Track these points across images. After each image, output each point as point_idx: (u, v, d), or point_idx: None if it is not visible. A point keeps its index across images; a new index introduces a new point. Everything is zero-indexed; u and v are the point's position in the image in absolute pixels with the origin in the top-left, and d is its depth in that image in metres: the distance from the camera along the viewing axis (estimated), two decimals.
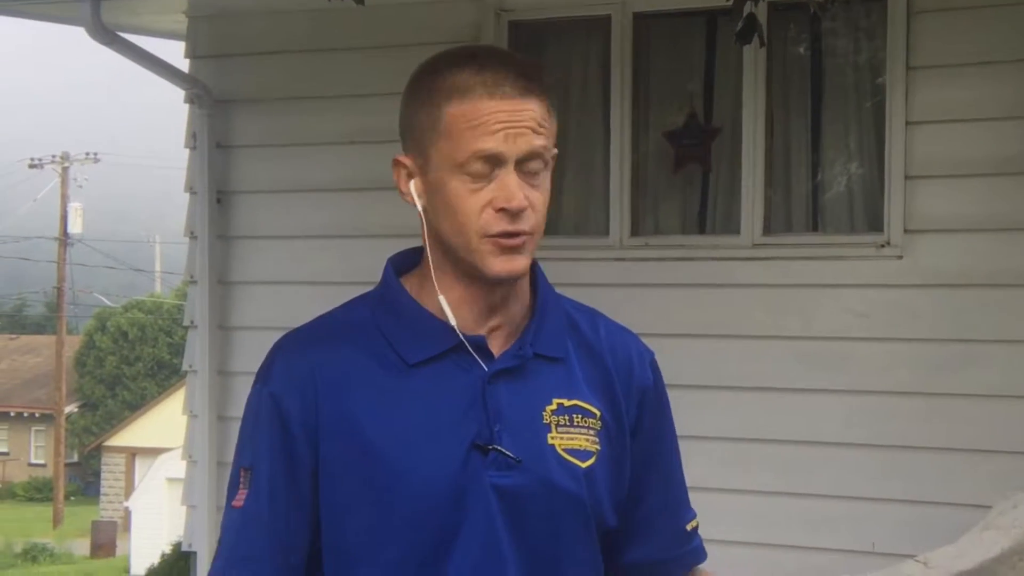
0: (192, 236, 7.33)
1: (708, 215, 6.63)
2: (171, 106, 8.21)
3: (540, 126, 2.00)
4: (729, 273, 6.36)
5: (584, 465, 2.04)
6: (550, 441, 2.03)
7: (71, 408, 43.98)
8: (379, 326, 2.04)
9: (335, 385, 2.01)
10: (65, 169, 41.41)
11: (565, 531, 2.04)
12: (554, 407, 2.04)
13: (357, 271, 6.90)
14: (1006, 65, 5.95)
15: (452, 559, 1.98)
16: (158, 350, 46.07)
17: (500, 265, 1.99)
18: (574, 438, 2.04)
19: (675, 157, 6.66)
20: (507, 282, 2.02)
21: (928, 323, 6.05)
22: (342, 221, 7.03)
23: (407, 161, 2.06)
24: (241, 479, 2.04)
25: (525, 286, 2.09)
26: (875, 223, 6.21)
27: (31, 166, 42.34)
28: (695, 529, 2.24)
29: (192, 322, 7.33)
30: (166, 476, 28.70)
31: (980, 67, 5.99)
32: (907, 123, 6.06)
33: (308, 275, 7.06)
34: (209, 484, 7.17)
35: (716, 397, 6.25)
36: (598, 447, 2.06)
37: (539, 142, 1.99)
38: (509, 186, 1.97)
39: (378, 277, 2.15)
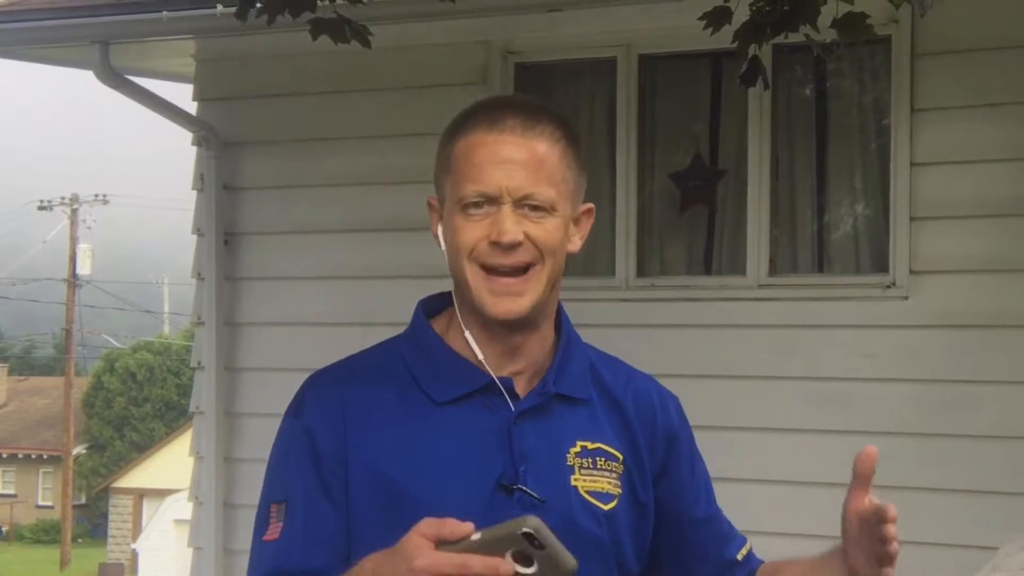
0: (199, 277, 7.36)
1: (714, 256, 6.65)
2: (179, 148, 8.25)
3: (540, 169, 2.01)
4: (735, 313, 6.37)
5: (606, 508, 2.07)
6: (573, 482, 2.05)
7: (79, 450, 43.94)
8: (408, 365, 2.08)
9: (364, 420, 2.03)
10: (74, 211, 41.54)
11: (585, 572, 2.01)
12: (578, 449, 2.06)
13: (365, 312, 6.93)
14: (1010, 107, 5.97)
15: None
16: (166, 391, 46.06)
17: (496, 306, 2.01)
18: (596, 480, 2.06)
19: (681, 198, 6.68)
20: (508, 324, 2.03)
21: (934, 364, 6.05)
22: (349, 262, 7.06)
23: (435, 203, 2.11)
24: (274, 514, 2.06)
25: (548, 330, 2.11)
26: (880, 264, 6.22)
27: (40, 208, 42.48)
28: (750, 552, 2.28)
29: (199, 363, 7.35)
30: (174, 518, 28.66)
31: (984, 109, 6.02)
32: (912, 164, 6.08)
33: (315, 316, 7.07)
34: (216, 526, 7.17)
35: (721, 438, 6.24)
36: (620, 491, 2.08)
37: (535, 188, 2.00)
38: (502, 221, 1.99)
39: (385, 319, 2.18)
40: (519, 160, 2.00)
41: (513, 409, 2.04)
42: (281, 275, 7.23)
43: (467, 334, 2.05)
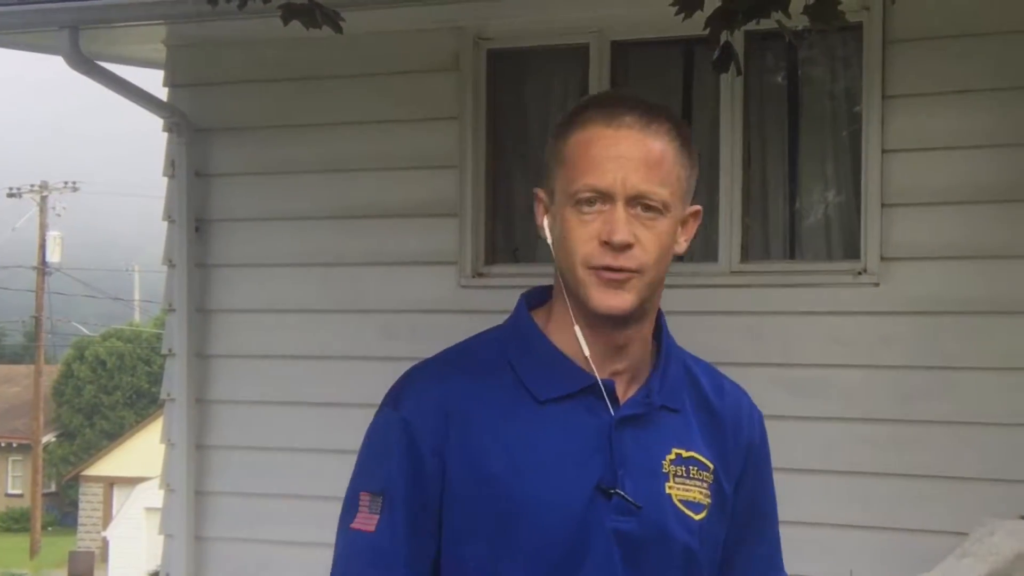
0: (170, 264, 7.33)
1: None
2: (150, 135, 8.21)
3: (656, 167, 1.99)
4: (707, 300, 6.37)
5: (698, 518, 2.06)
6: (667, 490, 2.04)
7: (49, 438, 43.79)
8: (510, 361, 2.05)
9: (464, 414, 2.01)
10: (44, 198, 41.33)
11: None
12: (673, 457, 2.06)
13: (336, 299, 6.92)
14: (981, 94, 5.99)
15: None
16: (137, 379, 45.93)
17: (601, 299, 1.99)
18: (689, 490, 2.06)
19: None
20: (612, 319, 2.01)
21: (905, 350, 6.07)
22: (321, 249, 7.03)
23: (542, 195, 2.08)
24: (366, 503, 2.04)
25: (648, 333, 2.09)
26: (852, 250, 6.23)
27: (10, 195, 42.25)
28: None
29: (170, 350, 7.32)
30: (144, 506, 28.58)
31: (955, 96, 6.03)
32: (883, 151, 6.09)
33: (287, 303, 7.05)
34: (187, 514, 7.15)
35: None
36: (710, 500, 2.08)
37: (649, 187, 1.98)
38: (614, 220, 1.97)
39: (356, 306, 2.16)
40: (636, 157, 1.98)
41: (613, 413, 2.03)
42: (252, 262, 7.21)
43: (576, 328, 2.03)
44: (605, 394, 2.02)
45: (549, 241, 2.05)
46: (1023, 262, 5.92)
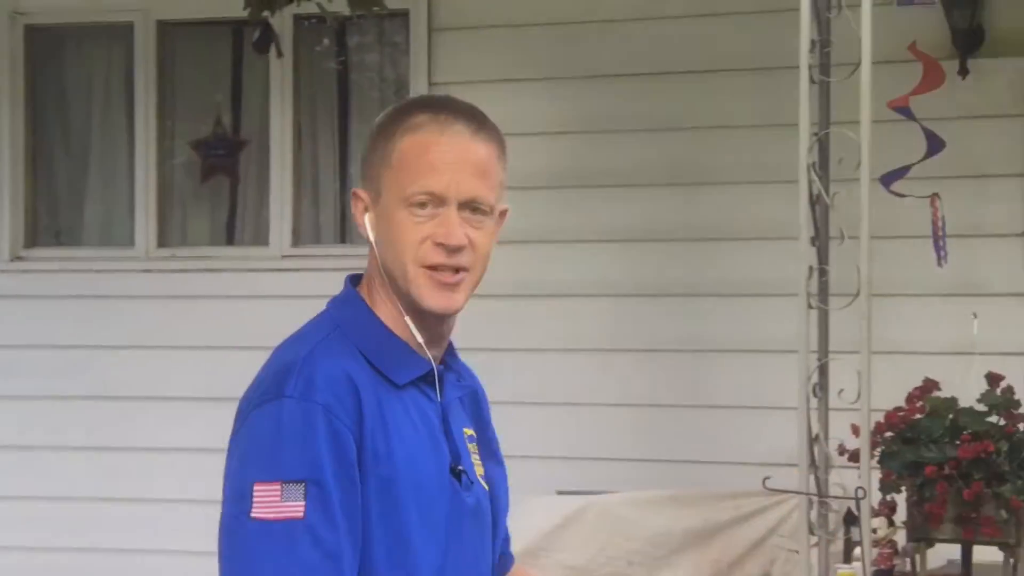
0: None
1: (237, 226, 6.61)
2: None
3: (485, 173, 2.11)
4: (257, 284, 6.34)
5: (488, 487, 2.19)
6: (475, 464, 2.18)
7: None
8: (361, 349, 2.09)
9: (365, 398, 2.03)
10: None
11: (486, 543, 2.19)
12: (469, 433, 2.20)
13: None
14: (525, 83, 6.15)
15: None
16: None
17: (435, 300, 2.09)
18: (478, 464, 2.19)
19: (203, 168, 6.63)
20: (443, 317, 2.12)
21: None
22: None
23: (363, 194, 2.15)
24: (274, 492, 1.95)
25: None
26: None
27: None
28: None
29: None
30: None
31: (500, 84, 6.17)
32: None
33: None
34: None
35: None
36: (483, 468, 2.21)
37: (479, 192, 2.10)
38: (449, 223, 2.08)
39: None
40: (469, 162, 2.10)
41: (439, 397, 2.14)
42: None
43: (407, 319, 2.11)
44: (437, 379, 2.13)
45: (371, 240, 2.12)
46: (571, 246, 6.13)
